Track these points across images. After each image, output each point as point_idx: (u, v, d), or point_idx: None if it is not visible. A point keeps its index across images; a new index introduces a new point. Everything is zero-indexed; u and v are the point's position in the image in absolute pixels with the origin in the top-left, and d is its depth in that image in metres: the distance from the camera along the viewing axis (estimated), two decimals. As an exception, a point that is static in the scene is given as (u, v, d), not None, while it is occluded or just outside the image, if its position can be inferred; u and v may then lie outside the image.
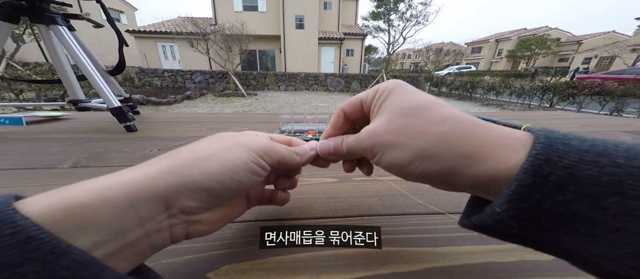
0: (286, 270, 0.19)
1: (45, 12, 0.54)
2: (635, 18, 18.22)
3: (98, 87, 0.59)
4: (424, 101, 0.16)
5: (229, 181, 0.15)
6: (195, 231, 0.15)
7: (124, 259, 0.12)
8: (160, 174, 0.13)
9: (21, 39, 6.77)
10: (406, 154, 0.15)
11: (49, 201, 0.10)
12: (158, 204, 0.13)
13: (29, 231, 0.09)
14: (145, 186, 0.13)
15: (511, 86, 6.18)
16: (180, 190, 0.13)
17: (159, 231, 0.13)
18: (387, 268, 0.19)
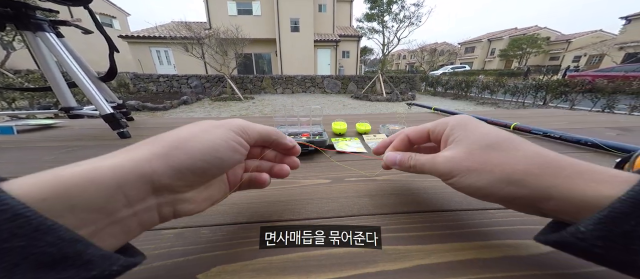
0: (277, 270, 0.19)
1: (31, 19, 0.54)
2: (620, 17, 18.71)
3: (89, 94, 0.58)
4: (504, 137, 0.18)
5: (212, 159, 0.16)
6: (182, 210, 0.16)
7: (111, 236, 0.12)
8: (145, 157, 0.14)
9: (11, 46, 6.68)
10: (489, 178, 0.16)
11: (35, 180, 0.11)
12: (145, 185, 0.14)
13: (16, 209, 0.09)
14: (130, 168, 0.13)
15: (505, 85, 6.29)
16: (166, 171, 0.14)
17: (148, 211, 0.14)
18: (376, 267, 0.20)
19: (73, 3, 0.60)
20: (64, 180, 0.11)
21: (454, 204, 0.28)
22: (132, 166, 0.13)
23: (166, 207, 0.15)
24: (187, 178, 0.15)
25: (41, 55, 0.57)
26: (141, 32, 11.84)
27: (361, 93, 7.59)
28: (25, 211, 0.09)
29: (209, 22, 11.93)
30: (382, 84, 7.44)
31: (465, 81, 7.43)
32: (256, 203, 0.28)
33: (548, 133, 0.53)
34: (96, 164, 0.13)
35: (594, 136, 0.47)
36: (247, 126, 0.19)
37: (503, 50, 25.36)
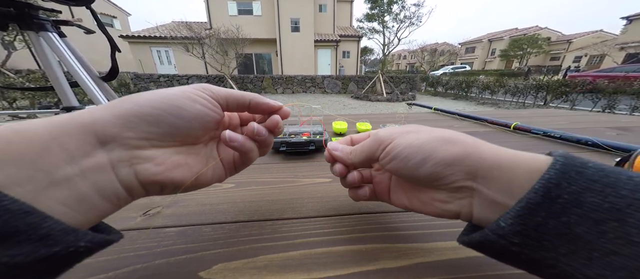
0: (278, 268, 0.19)
1: (34, 19, 0.55)
2: (621, 17, 18.68)
3: (91, 93, 0.59)
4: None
5: (164, 105, 0.14)
6: (145, 173, 0.14)
7: (60, 203, 0.11)
8: (88, 111, 0.13)
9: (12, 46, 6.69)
10: (427, 137, 0.16)
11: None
12: (87, 136, 0.12)
13: None
14: (66, 119, 0.12)
15: (505, 85, 6.28)
16: (110, 119, 0.13)
17: (99, 170, 0.12)
18: (377, 264, 0.20)
19: (75, 3, 0.61)
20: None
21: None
22: (69, 117, 0.12)
23: (123, 167, 0.13)
24: (137, 127, 0.13)
25: (44, 55, 0.58)
26: (142, 32, 11.86)
27: (361, 93, 7.60)
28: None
29: (209, 22, 11.94)
30: (382, 84, 7.44)
31: (465, 81, 7.43)
32: (257, 201, 0.29)
33: (548, 133, 0.53)
34: (37, 120, 0.11)
35: (594, 136, 0.47)
36: (213, 86, 0.17)
37: (503, 51, 25.34)
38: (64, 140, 0.11)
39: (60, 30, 0.62)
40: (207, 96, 0.17)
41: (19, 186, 0.10)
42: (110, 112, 0.13)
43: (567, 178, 0.12)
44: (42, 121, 0.11)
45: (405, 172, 0.17)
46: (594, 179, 0.11)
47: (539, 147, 0.49)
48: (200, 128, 0.17)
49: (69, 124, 0.12)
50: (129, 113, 0.13)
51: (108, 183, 0.12)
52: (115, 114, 0.13)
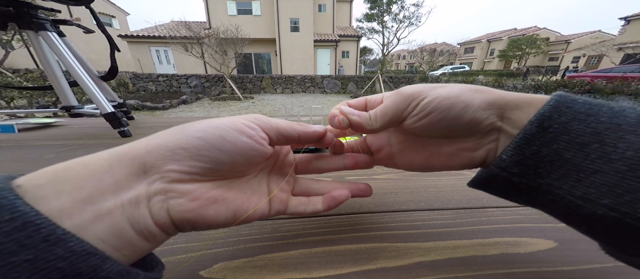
0: (278, 267, 0.20)
1: (33, 18, 0.54)
2: (619, 18, 18.77)
3: (90, 93, 0.59)
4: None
5: (210, 136, 0.14)
6: (178, 208, 0.13)
7: (100, 239, 0.10)
8: (144, 141, 0.13)
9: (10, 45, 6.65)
10: (458, 89, 0.16)
11: (42, 170, 0.10)
12: (136, 168, 0.12)
13: (27, 216, 0.08)
14: (127, 149, 0.12)
15: (504, 85, 6.30)
16: (159, 150, 0.13)
17: (136, 203, 0.12)
18: (376, 264, 0.20)
19: (75, 2, 0.61)
20: (63, 165, 0.11)
21: (454, 203, 0.28)
22: (128, 148, 0.13)
23: (157, 202, 0.12)
24: (182, 160, 0.13)
25: (43, 54, 0.57)
26: (140, 32, 11.81)
27: (361, 93, 7.60)
28: (36, 217, 0.08)
29: (208, 21, 11.92)
30: (381, 84, 7.45)
31: (464, 82, 7.44)
32: (257, 201, 0.29)
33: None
34: (99, 152, 0.12)
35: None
36: (262, 118, 0.17)
37: (502, 51, 25.41)
38: (116, 170, 0.11)
39: (59, 29, 0.61)
40: (257, 126, 0.16)
41: (69, 218, 0.10)
42: (160, 143, 0.13)
43: (558, 111, 0.13)
44: (110, 151, 0.12)
45: (443, 124, 0.16)
46: (580, 110, 0.13)
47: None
48: (244, 163, 0.16)
49: (125, 155, 0.12)
50: (177, 145, 0.13)
51: (141, 218, 0.12)
52: (164, 144, 0.13)
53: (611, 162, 0.11)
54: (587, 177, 0.12)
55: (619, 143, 0.12)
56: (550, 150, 0.13)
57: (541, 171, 0.13)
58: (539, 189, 0.14)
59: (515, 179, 0.14)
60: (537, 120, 0.13)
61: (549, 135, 0.13)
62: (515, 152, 0.14)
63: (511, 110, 0.16)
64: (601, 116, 0.12)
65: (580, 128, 0.13)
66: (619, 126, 0.12)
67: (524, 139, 0.14)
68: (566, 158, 0.13)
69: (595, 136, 0.12)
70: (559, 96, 0.14)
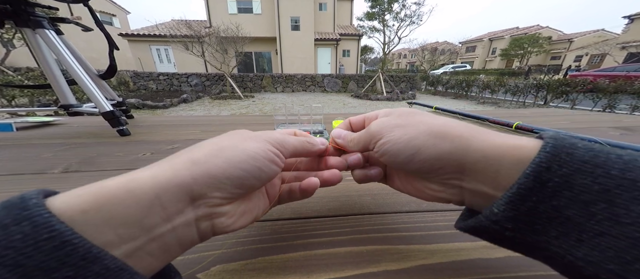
0: (278, 269, 0.19)
1: (30, 16, 0.54)
2: (623, 16, 18.61)
3: (89, 91, 0.58)
4: (428, 113, 0.19)
5: (251, 168, 0.15)
6: (220, 225, 0.15)
7: (150, 255, 0.12)
8: (184, 165, 0.13)
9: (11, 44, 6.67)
10: (414, 132, 0.16)
11: (81, 192, 0.11)
12: (183, 195, 0.13)
13: (64, 235, 0.09)
14: (170, 177, 0.12)
15: (506, 84, 6.27)
16: (205, 180, 0.13)
17: (186, 226, 0.13)
18: (378, 266, 0.19)
19: (73, 0, 0.60)
20: (105, 191, 0.11)
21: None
22: (172, 175, 0.13)
23: (204, 222, 0.14)
24: (225, 187, 0.14)
25: (41, 52, 0.57)
26: (141, 31, 11.81)
27: (361, 92, 7.58)
28: (73, 237, 0.09)
29: (209, 20, 11.89)
30: (382, 83, 7.42)
31: (466, 81, 7.41)
32: (257, 202, 0.28)
33: (550, 132, 0.52)
34: (136, 174, 0.12)
35: (598, 136, 0.47)
36: (283, 140, 0.18)
37: (504, 50, 25.27)
38: (165, 199, 0.12)
39: (57, 27, 0.61)
40: (281, 153, 0.17)
41: (125, 243, 0.11)
42: (205, 171, 0.14)
43: (558, 160, 0.11)
44: (150, 176, 0.12)
45: (396, 166, 0.18)
46: (585, 159, 0.11)
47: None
48: (267, 183, 0.19)
49: (170, 182, 0.12)
50: (221, 174, 0.14)
51: (189, 236, 0.13)
52: (209, 173, 0.14)
53: (621, 226, 0.10)
54: (591, 239, 0.10)
55: (632, 205, 0.10)
56: (548, 206, 0.11)
57: (538, 228, 0.12)
58: (535, 245, 0.12)
59: (508, 233, 0.13)
60: (534, 172, 0.12)
61: (547, 190, 0.11)
62: (508, 208, 0.12)
63: (474, 163, 0.14)
64: (611, 168, 0.11)
65: (585, 184, 0.11)
66: (634, 183, 0.10)
67: (518, 194, 0.12)
68: (567, 216, 0.11)
69: (604, 194, 0.10)
70: (554, 139, 0.12)
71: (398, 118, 0.18)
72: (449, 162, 0.15)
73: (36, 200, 0.10)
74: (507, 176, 0.13)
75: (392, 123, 0.18)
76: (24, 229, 0.09)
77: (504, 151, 0.13)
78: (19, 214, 0.09)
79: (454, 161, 0.15)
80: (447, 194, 0.16)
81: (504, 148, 0.13)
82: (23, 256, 0.08)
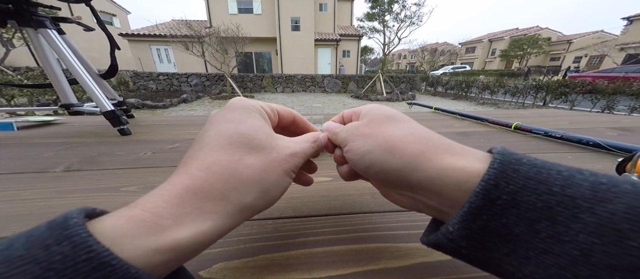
0: (279, 267, 0.19)
1: (33, 16, 0.54)
2: (622, 18, 18.68)
3: (90, 91, 0.58)
4: (402, 115, 0.19)
5: (275, 199, 0.17)
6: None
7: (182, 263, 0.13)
8: (240, 214, 0.15)
9: (11, 43, 6.66)
10: (371, 144, 0.17)
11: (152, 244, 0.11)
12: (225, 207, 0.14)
13: (102, 256, 0.09)
14: (230, 226, 0.14)
15: (505, 85, 6.28)
16: (250, 216, 0.15)
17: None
18: (378, 264, 0.20)
19: (75, 0, 0.60)
20: (182, 247, 0.12)
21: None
22: (231, 225, 0.14)
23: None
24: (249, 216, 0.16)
25: (42, 52, 0.57)
26: (141, 30, 11.81)
27: (361, 92, 7.59)
28: (111, 258, 0.09)
29: (209, 20, 11.90)
30: (382, 84, 7.43)
31: (465, 81, 7.43)
32: (257, 200, 0.28)
33: (549, 133, 0.53)
34: (203, 227, 0.13)
35: (595, 136, 0.47)
36: (299, 164, 0.18)
37: (504, 51, 25.33)
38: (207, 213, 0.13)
39: (59, 27, 0.61)
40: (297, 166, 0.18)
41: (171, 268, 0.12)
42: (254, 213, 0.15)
43: (505, 177, 0.12)
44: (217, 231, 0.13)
45: (358, 172, 0.19)
46: (529, 176, 0.11)
47: (540, 147, 0.49)
48: None
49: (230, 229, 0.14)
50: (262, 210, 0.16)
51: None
52: (256, 212, 0.16)
53: (561, 244, 0.10)
54: (537, 257, 0.11)
55: (571, 223, 0.10)
56: (498, 224, 0.11)
57: (490, 246, 0.12)
58: (489, 262, 0.12)
59: (464, 251, 0.13)
60: (483, 190, 0.12)
61: (496, 208, 0.11)
62: (461, 226, 0.12)
63: (418, 182, 0.15)
64: (552, 184, 0.11)
65: (530, 200, 0.11)
66: (572, 200, 0.10)
67: (470, 212, 0.12)
68: (515, 233, 0.11)
69: (547, 212, 0.11)
70: (501, 155, 0.12)
71: (366, 126, 0.18)
72: (398, 178, 0.15)
73: (77, 219, 0.10)
74: (449, 197, 0.13)
75: (358, 132, 0.18)
76: (64, 249, 0.09)
77: (447, 172, 0.14)
78: (61, 235, 0.09)
79: (402, 178, 0.15)
80: (407, 204, 0.17)
81: (448, 170, 0.14)
82: (64, 278, 0.08)
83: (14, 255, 0.08)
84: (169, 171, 0.36)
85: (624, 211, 0.09)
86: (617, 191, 0.10)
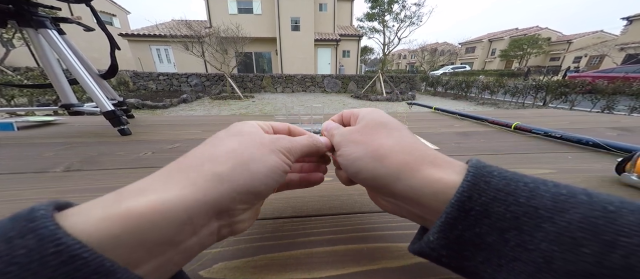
0: (279, 267, 0.19)
1: (33, 16, 0.54)
2: (621, 18, 18.68)
3: (90, 91, 0.58)
4: (396, 123, 0.19)
5: (271, 181, 0.16)
6: (237, 229, 0.16)
7: (174, 264, 0.12)
8: (211, 183, 0.13)
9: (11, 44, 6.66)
10: (361, 151, 0.17)
11: (103, 214, 0.10)
12: (212, 212, 0.13)
13: (73, 249, 0.08)
14: (200, 199, 0.13)
15: (505, 85, 6.28)
16: (232, 196, 0.14)
17: (209, 235, 0.14)
18: (378, 264, 0.20)
19: (76, 0, 0.60)
20: (136, 215, 0.10)
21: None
22: (201, 196, 0.13)
23: (225, 229, 0.15)
24: (248, 201, 0.15)
25: (43, 52, 0.57)
26: (141, 31, 11.81)
27: (361, 92, 7.59)
28: (82, 250, 0.09)
29: (209, 20, 11.90)
30: (382, 84, 7.43)
31: (465, 81, 7.43)
32: (258, 200, 0.28)
33: (549, 133, 0.53)
34: (164, 195, 0.12)
35: (595, 136, 0.47)
36: (292, 148, 0.18)
37: (504, 51, 25.33)
38: (195, 218, 0.12)
39: (59, 27, 0.61)
40: (290, 161, 0.18)
41: (155, 258, 0.11)
42: (232, 189, 0.14)
43: (478, 189, 0.12)
44: (180, 200, 0.12)
45: (350, 177, 0.19)
46: (499, 187, 0.12)
47: (539, 147, 0.49)
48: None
49: (199, 203, 0.13)
50: (246, 190, 0.14)
51: (210, 241, 0.14)
52: (236, 190, 0.14)
53: (528, 252, 0.11)
54: (508, 264, 0.11)
55: (535, 232, 0.11)
56: (472, 234, 0.12)
57: (467, 254, 0.13)
58: (467, 270, 0.13)
59: (444, 260, 0.13)
60: (457, 201, 0.12)
61: (471, 218, 0.12)
62: (440, 236, 0.13)
63: (401, 192, 0.15)
64: (519, 196, 0.12)
65: (500, 211, 0.12)
66: (535, 210, 0.11)
67: (446, 223, 0.13)
68: (488, 242, 0.12)
69: (514, 221, 0.11)
70: (475, 168, 0.13)
71: (358, 133, 0.19)
72: (384, 185, 0.16)
73: (44, 211, 0.09)
74: (428, 206, 0.14)
75: (350, 138, 0.19)
76: (29, 243, 0.08)
77: (426, 183, 0.14)
78: (25, 227, 0.08)
79: (387, 185, 0.16)
80: (393, 211, 0.18)
81: (427, 181, 0.14)
82: (28, 272, 0.08)
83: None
84: (169, 171, 0.36)
85: (578, 221, 0.10)
86: (574, 201, 0.11)
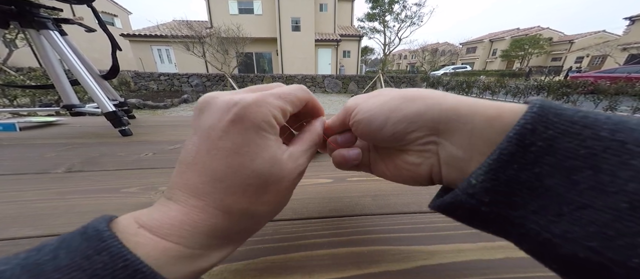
0: (279, 270, 0.19)
1: (35, 17, 0.54)
2: (624, 18, 18.60)
3: (92, 91, 0.59)
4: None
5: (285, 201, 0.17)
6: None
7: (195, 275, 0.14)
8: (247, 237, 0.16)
9: (13, 44, 6.70)
10: (385, 99, 0.16)
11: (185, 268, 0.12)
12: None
13: (136, 264, 0.10)
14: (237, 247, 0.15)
15: (506, 86, 6.27)
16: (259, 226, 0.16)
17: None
18: (379, 267, 0.20)
19: (77, 1, 0.61)
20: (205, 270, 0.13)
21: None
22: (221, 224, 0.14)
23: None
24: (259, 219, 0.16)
25: (44, 53, 0.57)
26: (143, 31, 11.85)
27: (362, 93, 7.58)
28: (142, 266, 0.10)
29: (210, 21, 11.93)
30: (382, 84, 7.43)
31: (466, 82, 7.42)
32: (258, 202, 0.28)
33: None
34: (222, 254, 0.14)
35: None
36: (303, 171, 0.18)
37: (505, 51, 25.28)
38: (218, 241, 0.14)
39: (61, 28, 0.61)
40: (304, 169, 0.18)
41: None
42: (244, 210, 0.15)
43: (544, 121, 0.10)
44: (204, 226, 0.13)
45: (371, 136, 0.17)
46: (573, 120, 0.10)
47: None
48: None
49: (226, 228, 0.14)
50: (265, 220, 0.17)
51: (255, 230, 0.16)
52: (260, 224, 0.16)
53: (606, 196, 0.09)
54: (572, 213, 0.09)
55: (619, 171, 0.09)
56: (530, 175, 0.10)
57: (516, 201, 0.11)
58: (511, 221, 0.11)
59: (484, 208, 0.11)
60: (517, 135, 0.10)
61: (530, 155, 0.10)
62: (487, 178, 0.11)
63: (448, 121, 0.13)
64: (600, 129, 0.09)
65: (570, 147, 0.10)
66: (621, 145, 0.09)
67: (499, 160, 0.11)
68: (548, 186, 0.10)
69: (590, 159, 0.09)
70: (542, 101, 0.11)
71: (373, 93, 0.18)
72: (424, 122, 0.14)
73: (108, 231, 0.11)
74: (481, 136, 0.12)
75: (367, 96, 0.18)
76: (104, 259, 0.10)
77: (477, 109, 0.13)
78: (99, 246, 0.10)
79: (427, 120, 0.14)
80: (426, 166, 0.15)
81: (478, 106, 0.13)
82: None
83: (63, 265, 0.10)
84: (170, 171, 0.37)
85: None
86: None
